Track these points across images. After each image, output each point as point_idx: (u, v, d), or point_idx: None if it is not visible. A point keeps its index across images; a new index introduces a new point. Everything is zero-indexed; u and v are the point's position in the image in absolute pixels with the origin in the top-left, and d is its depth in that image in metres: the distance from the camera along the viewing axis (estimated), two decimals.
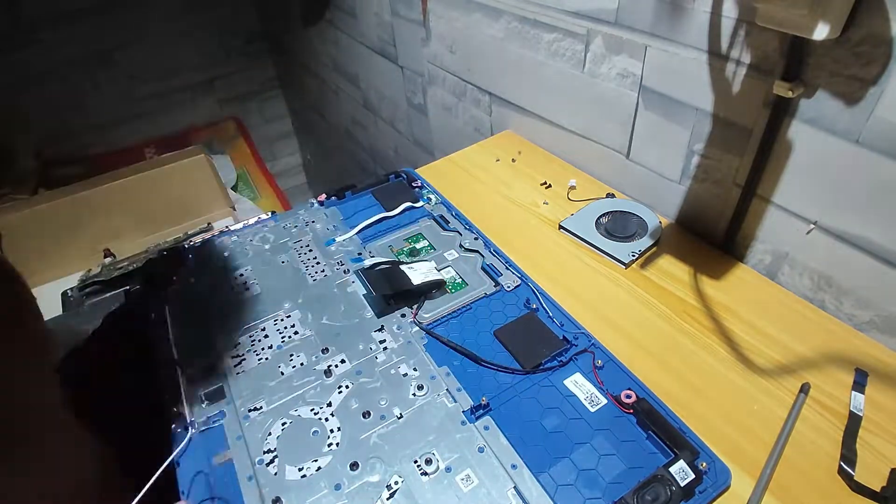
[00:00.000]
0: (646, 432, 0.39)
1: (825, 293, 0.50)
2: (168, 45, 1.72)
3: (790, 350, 0.47)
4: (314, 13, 1.39)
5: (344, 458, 0.39)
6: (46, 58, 1.56)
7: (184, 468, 0.39)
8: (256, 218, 0.64)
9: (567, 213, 0.63)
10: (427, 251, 0.58)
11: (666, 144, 0.59)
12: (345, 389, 0.44)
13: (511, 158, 0.76)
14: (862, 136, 0.43)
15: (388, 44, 1.09)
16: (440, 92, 0.99)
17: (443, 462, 0.38)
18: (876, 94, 0.41)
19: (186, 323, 0.51)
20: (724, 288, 0.53)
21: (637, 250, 0.57)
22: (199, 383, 0.45)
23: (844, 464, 0.38)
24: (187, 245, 0.59)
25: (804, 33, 0.40)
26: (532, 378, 0.44)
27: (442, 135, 1.07)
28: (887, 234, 0.44)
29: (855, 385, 0.43)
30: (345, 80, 1.41)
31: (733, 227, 0.55)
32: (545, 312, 0.49)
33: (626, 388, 0.42)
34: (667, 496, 0.35)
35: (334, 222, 0.62)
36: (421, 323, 0.49)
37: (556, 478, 0.37)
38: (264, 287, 0.54)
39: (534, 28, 0.70)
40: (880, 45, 0.39)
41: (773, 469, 0.38)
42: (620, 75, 0.61)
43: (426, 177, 0.69)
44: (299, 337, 0.49)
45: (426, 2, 0.90)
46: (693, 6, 0.50)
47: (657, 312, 0.51)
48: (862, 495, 0.36)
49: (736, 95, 0.50)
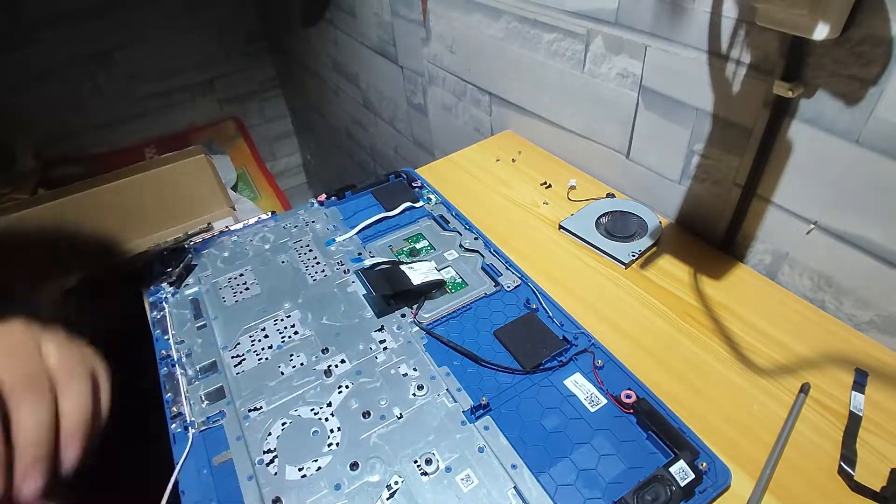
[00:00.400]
0: (646, 432, 0.39)
1: (825, 293, 0.50)
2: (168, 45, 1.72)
3: (790, 350, 0.47)
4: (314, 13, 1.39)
5: (344, 458, 0.39)
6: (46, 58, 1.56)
7: (184, 468, 0.39)
8: (256, 218, 0.64)
9: (567, 213, 0.63)
10: (427, 251, 0.58)
11: (666, 144, 0.59)
12: (345, 389, 0.44)
13: (511, 158, 0.76)
14: (862, 136, 0.43)
15: (388, 44, 1.09)
16: (440, 92, 0.99)
17: (443, 462, 0.38)
18: (876, 94, 0.41)
19: (186, 323, 0.51)
20: (724, 288, 0.53)
21: (637, 250, 0.57)
22: (199, 383, 0.45)
23: (844, 464, 0.38)
24: (187, 245, 0.59)
25: (804, 33, 0.40)
26: (532, 378, 0.44)
27: (442, 135, 1.07)
28: (887, 234, 0.44)
29: (855, 385, 0.43)
30: (345, 80, 1.41)
31: (733, 227, 0.55)
32: (545, 312, 0.49)
33: (626, 388, 0.42)
34: (667, 496, 0.35)
35: (334, 222, 0.62)
36: (421, 323, 0.49)
37: (556, 478, 0.37)
38: (264, 287, 0.54)
39: (534, 28, 0.70)
40: (880, 45, 0.39)
41: (773, 469, 0.38)
42: (620, 75, 0.61)
43: (426, 177, 0.69)
44: (299, 337, 0.49)
45: (426, 2, 0.90)
46: (693, 6, 0.50)
47: (657, 312, 0.51)
48: (862, 495, 0.36)
49: (736, 95, 0.50)
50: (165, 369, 0.46)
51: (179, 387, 0.45)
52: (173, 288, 0.54)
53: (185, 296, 0.54)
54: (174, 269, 0.55)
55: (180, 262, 0.55)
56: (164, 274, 0.55)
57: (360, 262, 0.56)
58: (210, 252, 0.59)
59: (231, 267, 0.57)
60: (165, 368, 0.46)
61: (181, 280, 0.55)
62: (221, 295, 0.53)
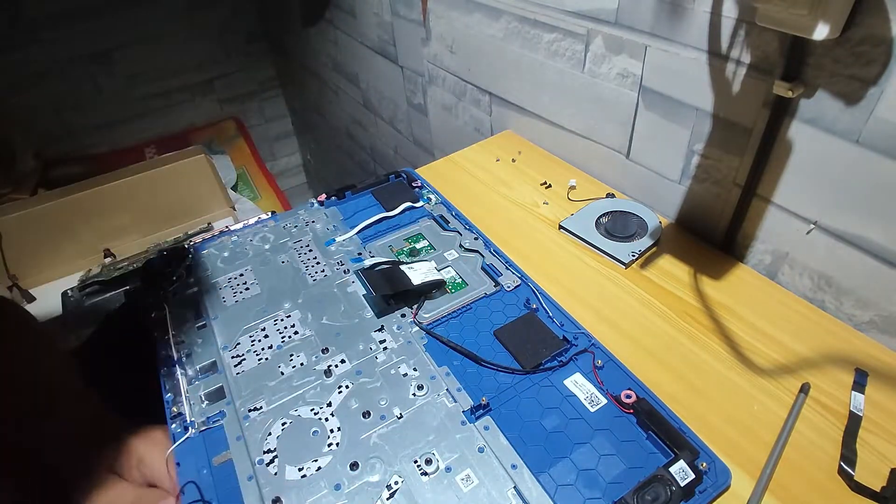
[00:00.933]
0: (646, 432, 0.39)
1: (825, 293, 0.50)
2: (168, 45, 1.72)
3: (790, 350, 0.47)
4: (314, 13, 1.39)
5: (344, 458, 0.39)
6: (46, 58, 1.56)
7: (183, 468, 0.39)
8: (256, 218, 0.64)
9: (567, 213, 0.63)
10: (427, 251, 0.58)
11: (666, 144, 0.59)
12: (345, 389, 0.44)
13: (511, 158, 0.76)
14: (862, 136, 0.43)
15: (388, 44, 1.09)
16: (440, 92, 0.99)
17: (443, 462, 0.38)
18: (876, 94, 0.41)
19: (186, 323, 0.51)
20: (724, 288, 0.53)
21: (637, 250, 0.57)
22: (199, 383, 0.45)
23: (844, 464, 0.38)
24: (187, 245, 0.59)
25: (804, 33, 0.40)
26: (532, 378, 0.44)
27: (442, 135, 1.07)
28: (887, 234, 0.44)
29: (855, 385, 0.43)
30: (345, 80, 1.42)
31: (733, 227, 0.55)
32: (545, 312, 0.49)
33: (626, 388, 0.42)
34: (667, 496, 0.35)
35: (334, 222, 0.62)
36: (421, 323, 0.49)
37: (556, 478, 0.37)
38: (264, 287, 0.54)
39: (534, 28, 0.70)
40: (880, 45, 0.39)
41: (774, 468, 0.38)
42: (620, 75, 0.61)
43: (426, 177, 0.69)
44: (299, 337, 0.49)
45: (426, 2, 0.90)
46: (693, 6, 0.50)
47: (657, 312, 0.51)
48: (862, 495, 0.36)
49: (736, 95, 0.50)
50: (165, 369, 0.46)
51: (179, 387, 0.45)
52: (173, 288, 0.54)
53: (185, 296, 0.54)
54: (174, 269, 0.55)
55: (180, 262, 0.55)
56: (164, 274, 0.55)
57: (360, 262, 0.56)
58: (210, 252, 0.59)
59: (231, 267, 0.57)
60: (165, 368, 0.46)
61: (181, 280, 0.55)
62: (221, 295, 0.53)
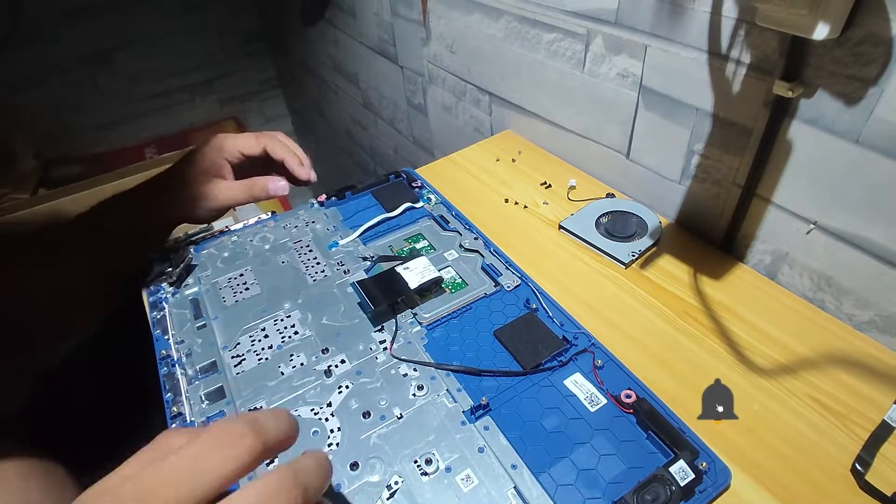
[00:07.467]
0: (646, 432, 0.39)
1: (825, 293, 0.50)
2: (168, 45, 1.72)
3: (790, 350, 0.47)
4: (314, 13, 1.39)
5: (344, 458, 0.39)
6: (46, 58, 1.56)
7: None
8: (256, 218, 0.64)
9: (567, 212, 0.63)
10: (427, 251, 0.58)
11: (666, 144, 0.59)
12: (345, 389, 0.44)
13: (511, 158, 0.76)
14: (862, 136, 0.43)
15: (388, 44, 1.09)
16: (440, 92, 0.99)
17: (443, 462, 0.38)
18: (876, 94, 0.41)
19: (186, 323, 0.51)
20: (724, 288, 0.53)
21: (637, 250, 0.57)
22: (199, 383, 0.45)
23: (859, 465, 0.38)
24: (187, 245, 0.59)
25: (804, 33, 0.40)
26: (532, 378, 0.44)
27: (442, 135, 1.07)
28: (887, 234, 0.44)
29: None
30: (345, 80, 1.42)
31: (733, 227, 0.55)
32: (545, 312, 0.49)
33: (626, 387, 0.42)
34: (667, 496, 0.35)
35: (334, 223, 0.62)
36: (397, 357, 0.47)
37: (556, 478, 0.37)
38: (264, 287, 0.54)
39: (534, 28, 0.70)
40: (880, 45, 0.39)
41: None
42: (620, 75, 0.61)
43: (426, 177, 0.69)
44: (299, 337, 0.49)
45: (426, 2, 0.90)
46: (693, 6, 0.50)
47: (657, 312, 0.51)
48: (870, 495, 0.36)
49: (736, 95, 0.50)
50: (165, 369, 0.46)
51: (179, 387, 0.45)
52: (173, 288, 0.54)
53: (185, 296, 0.54)
54: (174, 269, 0.55)
55: (180, 262, 0.55)
56: (164, 274, 0.55)
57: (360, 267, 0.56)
58: (210, 252, 0.59)
59: (231, 267, 0.57)
60: (165, 368, 0.46)
61: (181, 280, 0.55)
62: (221, 295, 0.53)
